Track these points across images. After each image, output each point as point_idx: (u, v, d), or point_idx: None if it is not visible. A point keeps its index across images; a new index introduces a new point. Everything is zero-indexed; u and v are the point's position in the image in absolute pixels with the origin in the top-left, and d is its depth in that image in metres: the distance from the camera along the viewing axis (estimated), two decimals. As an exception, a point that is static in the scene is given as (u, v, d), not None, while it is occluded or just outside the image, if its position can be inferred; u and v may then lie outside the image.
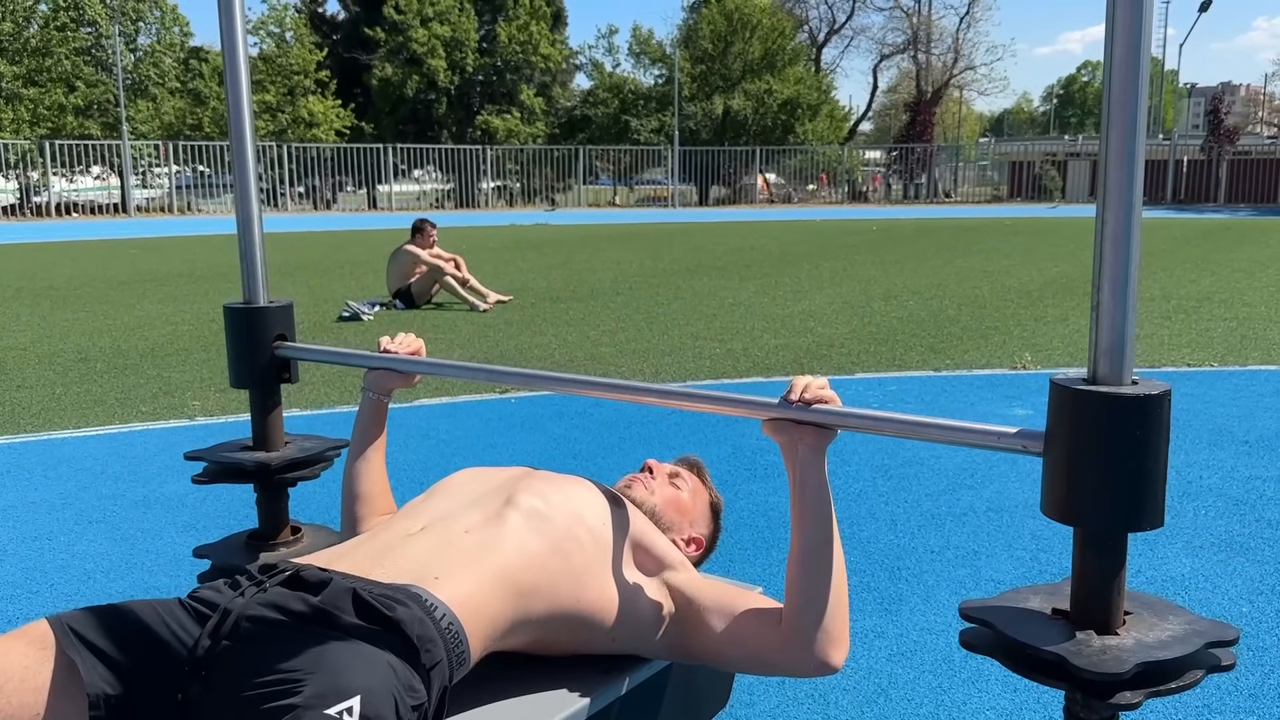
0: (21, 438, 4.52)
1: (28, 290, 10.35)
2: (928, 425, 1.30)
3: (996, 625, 1.18)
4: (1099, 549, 1.16)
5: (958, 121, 58.08)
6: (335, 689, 1.08)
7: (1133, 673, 1.08)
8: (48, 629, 1.21)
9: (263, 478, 2.00)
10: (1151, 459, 1.11)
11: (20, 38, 27.67)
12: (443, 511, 1.48)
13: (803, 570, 1.40)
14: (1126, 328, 1.13)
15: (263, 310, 1.99)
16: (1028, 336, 7.01)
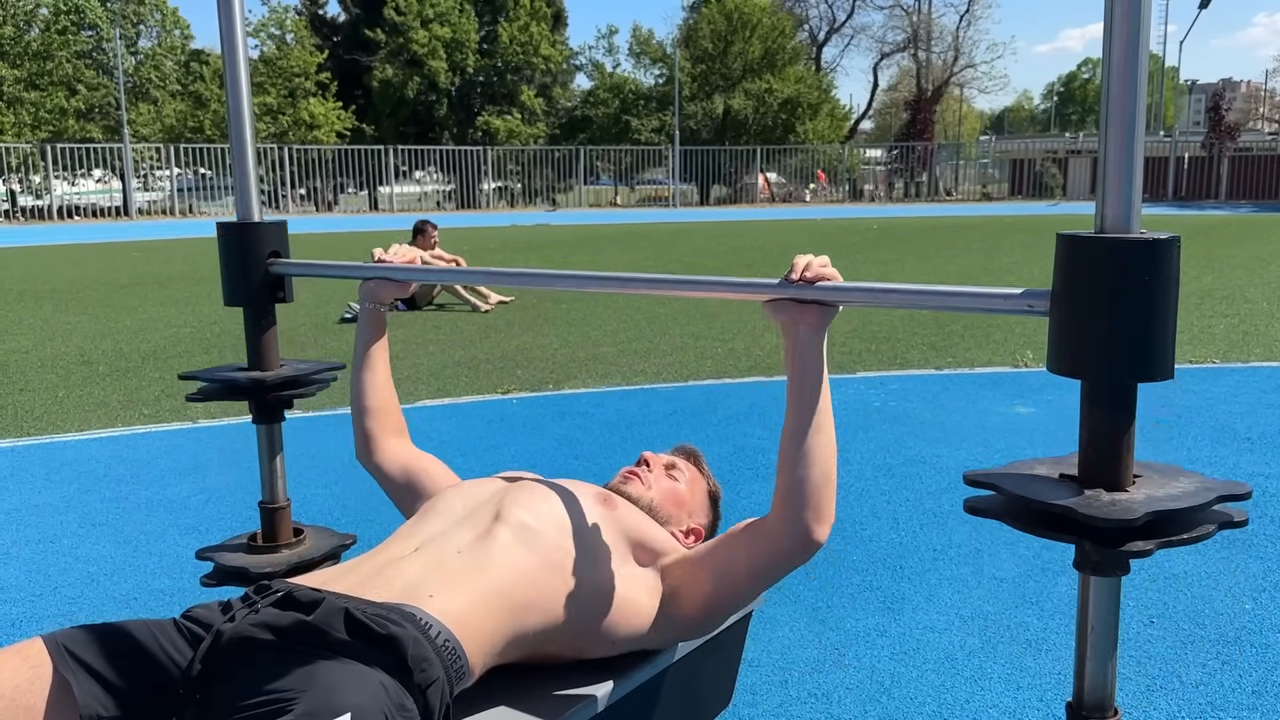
0: (25, 441, 4.52)
1: (30, 293, 10.37)
2: (931, 293, 1.28)
3: (1003, 486, 1.16)
4: (1107, 403, 1.13)
5: (958, 119, 58.05)
6: (327, 707, 1.07)
7: (1144, 520, 1.06)
8: (42, 647, 1.20)
9: (258, 394, 1.98)
10: (1160, 306, 1.08)
11: (21, 41, 27.71)
12: (434, 531, 1.47)
13: (793, 449, 1.41)
14: (1134, 176, 1.10)
15: (256, 226, 1.97)
16: (1029, 335, 7.00)
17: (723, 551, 1.49)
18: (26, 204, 27.83)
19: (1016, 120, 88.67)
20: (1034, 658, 2.40)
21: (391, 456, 1.85)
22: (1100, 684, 1.21)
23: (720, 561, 1.48)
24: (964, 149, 43.03)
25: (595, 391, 5.38)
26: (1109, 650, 1.20)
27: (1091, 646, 1.20)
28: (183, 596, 2.80)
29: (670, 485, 1.78)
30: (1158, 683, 2.27)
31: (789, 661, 2.42)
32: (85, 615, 2.71)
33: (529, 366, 6.07)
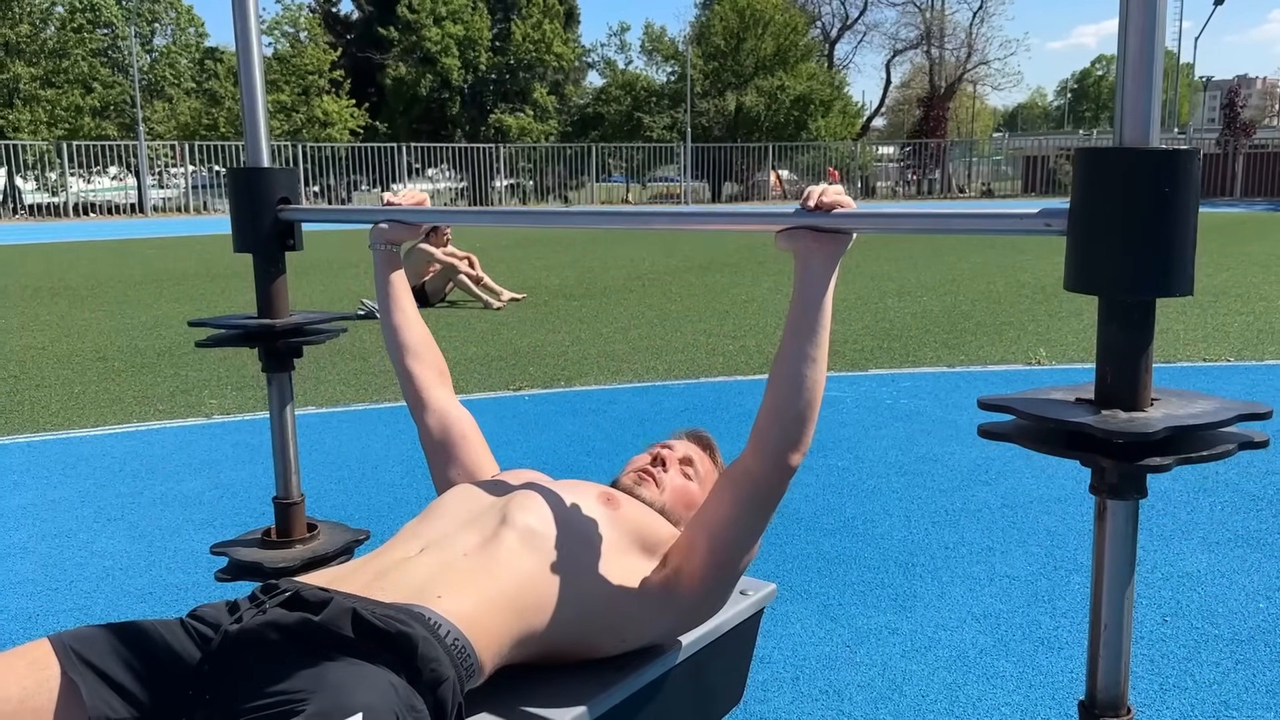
0: (41, 436, 4.56)
1: (45, 290, 10.43)
2: (947, 216, 1.28)
3: (1017, 408, 1.15)
4: (1125, 319, 1.11)
5: (971, 116, 57.84)
6: (338, 707, 1.07)
7: (1162, 435, 1.05)
8: (49, 649, 1.19)
9: (266, 340, 1.98)
10: (1180, 219, 1.07)
11: (38, 39, 27.86)
12: (439, 533, 1.47)
13: (784, 377, 1.41)
14: (1154, 87, 1.09)
15: (265, 171, 1.98)
16: (1042, 332, 6.98)
17: (709, 510, 1.49)
18: (42, 201, 27.98)
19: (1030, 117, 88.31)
20: (1046, 656, 2.39)
21: (433, 409, 1.83)
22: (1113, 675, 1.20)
23: (709, 520, 1.48)
24: (977, 146, 42.85)
25: (607, 388, 5.39)
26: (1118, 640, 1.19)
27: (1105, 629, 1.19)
28: (197, 591, 2.82)
29: (682, 485, 1.76)
30: (1171, 681, 2.26)
31: (800, 658, 2.42)
32: (100, 609, 2.73)
33: (541, 363, 6.08)
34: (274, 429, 2.09)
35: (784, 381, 1.41)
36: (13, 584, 2.91)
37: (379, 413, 4.85)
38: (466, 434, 1.81)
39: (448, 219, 2.07)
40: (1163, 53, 1.11)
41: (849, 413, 4.82)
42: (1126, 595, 1.20)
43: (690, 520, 1.55)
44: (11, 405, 5.14)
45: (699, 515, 1.52)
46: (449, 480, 1.77)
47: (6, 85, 27.43)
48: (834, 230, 1.37)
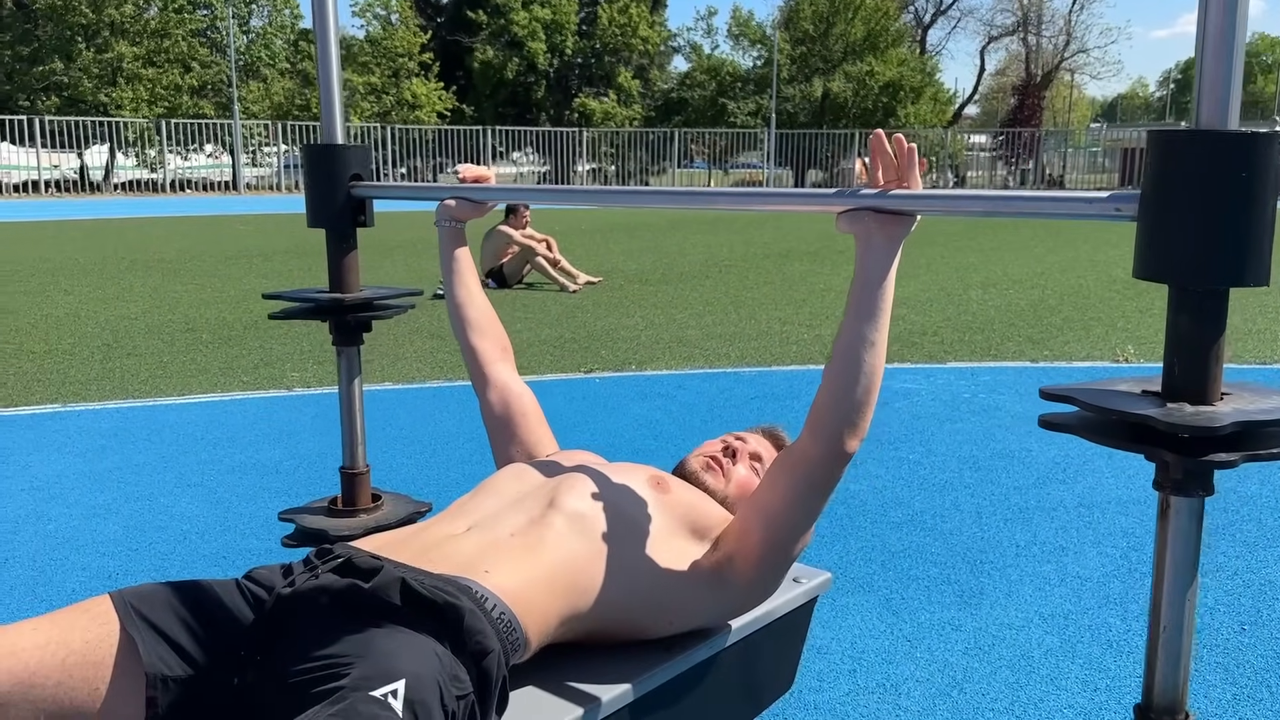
0: (129, 403, 4.72)
1: (141, 263, 10.80)
2: (1012, 198, 1.24)
3: (1080, 399, 1.11)
4: (1195, 309, 1.06)
5: (1068, 106, 56.20)
6: (381, 672, 1.09)
7: (1230, 430, 1.00)
8: (110, 606, 1.23)
9: (336, 314, 2.02)
10: (1257, 205, 1.02)
11: (140, 20, 28.79)
12: (488, 512, 1.48)
13: (844, 361, 1.38)
14: (1234, 68, 1.04)
15: (339, 148, 2.01)
16: (1132, 329, 6.77)
17: (764, 494, 1.47)
18: (141, 177, 28.96)
19: (1130, 108, 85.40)
20: (1114, 660, 2.32)
21: (495, 385, 1.85)
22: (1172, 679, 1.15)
23: (763, 504, 1.46)
24: (1073, 136, 41.65)
25: (677, 373, 5.38)
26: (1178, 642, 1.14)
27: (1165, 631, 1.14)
28: (268, 556, 2.90)
29: (747, 478, 1.73)
30: (1245, 691, 2.18)
31: (859, 650, 2.39)
32: (175, 571, 2.82)
33: (613, 346, 6.09)
34: (342, 400, 2.13)
35: (843, 365, 1.38)
36: (96, 543, 3.03)
37: (452, 390, 4.92)
38: (527, 411, 1.82)
39: (512, 196, 2.08)
40: (1245, 31, 1.06)
41: (924, 405, 4.74)
42: (1189, 596, 1.15)
43: (744, 504, 1.53)
44: (104, 373, 5.33)
45: (753, 499, 1.50)
46: (509, 456, 1.78)
47: (110, 64, 28.46)
48: (896, 212, 1.34)
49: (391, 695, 1.05)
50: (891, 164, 1.33)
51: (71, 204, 23.43)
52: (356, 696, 1.04)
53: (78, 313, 7.36)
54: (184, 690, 1.20)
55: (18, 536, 3.07)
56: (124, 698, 1.18)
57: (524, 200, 1.84)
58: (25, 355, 5.78)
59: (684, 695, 1.49)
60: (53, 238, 14.38)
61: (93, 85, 28.30)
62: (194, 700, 1.20)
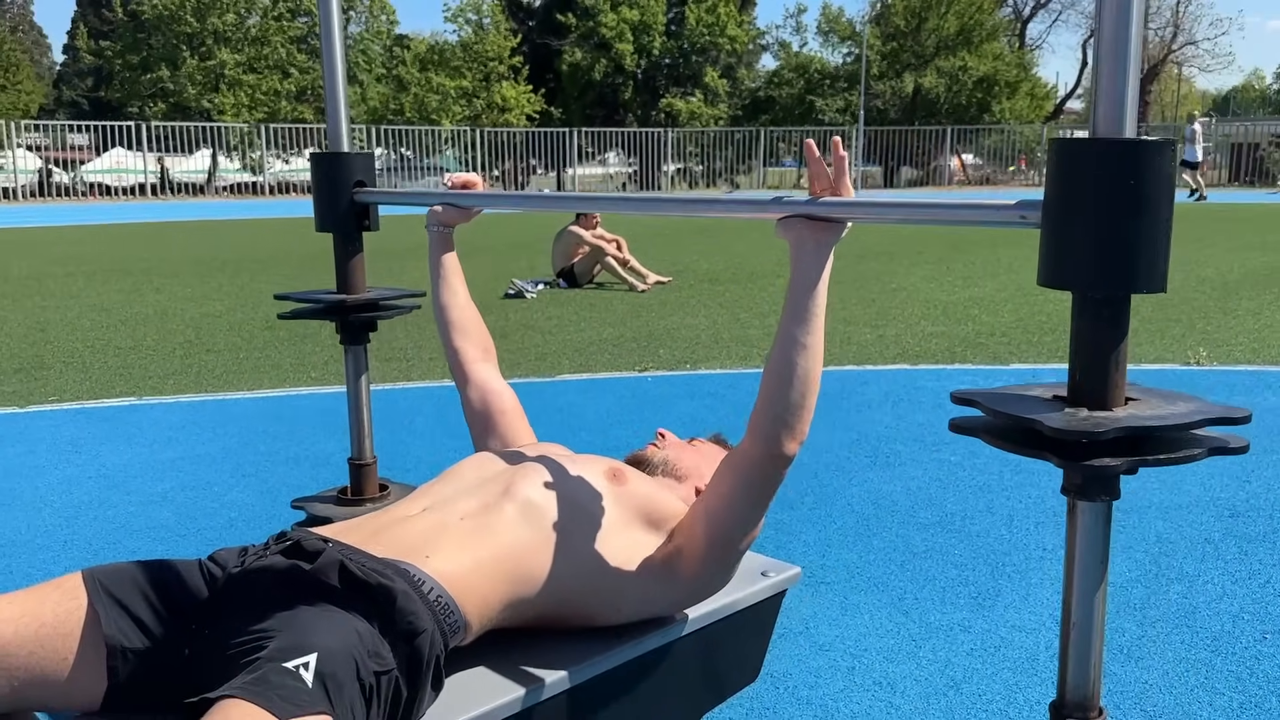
0: (201, 397, 4.95)
1: (232, 262, 11.24)
2: (928, 206, 1.28)
3: (982, 403, 1.14)
4: (1094, 315, 1.09)
5: (1176, 100, 54.14)
6: (296, 645, 1.17)
7: (1112, 435, 1.02)
8: (79, 581, 1.33)
9: (340, 315, 2.13)
10: (1150, 212, 1.04)
11: (242, 28, 29.90)
12: (444, 497, 1.55)
13: (779, 367, 1.42)
14: (1129, 77, 1.06)
15: (344, 156, 2.13)
16: (1210, 331, 6.54)
17: (710, 492, 1.53)
18: (244, 180, 30.05)
19: (1245, 101, 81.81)
20: (1122, 665, 2.29)
21: (475, 384, 1.92)
22: (1083, 676, 1.16)
23: (708, 502, 1.52)
24: (1181, 131, 40.09)
25: (731, 372, 5.40)
26: (1088, 640, 1.16)
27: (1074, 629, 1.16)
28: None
29: (680, 444, 1.83)
30: (1253, 700, 2.12)
31: (861, 649, 2.40)
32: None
33: (671, 345, 6.14)
34: (350, 396, 2.24)
35: (776, 368, 1.43)
36: (151, 529, 3.21)
37: (520, 387, 5.02)
38: (506, 409, 1.89)
39: (507, 203, 2.14)
40: (1140, 40, 1.08)
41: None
42: (1097, 596, 1.16)
43: (694, 502, 1.58)
44: (182, 368, 5.60)
45: (701, 498, 1.56)
46: (487, 450, 1.86)
47: (214, 71, 29.63)
48: (824, 219, 1.37)
49: (303, 667, 1.13)
50: (824, 171, 1.38)
51: (176, 206, 24.45)
52: (270, 666, 1.12)
53: (165, 310, 7.72)
54: (141, 660, 1.30)
55: (79, 521, 3.27)
56: (89, 667, 1.28)
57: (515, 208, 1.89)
58: (111, 351, 6.09)
59: (635, 682, 1.54)
60: (153, 239, 15.05)
61: (197, 91, 29.53)
62: (151, 669, 1.30)
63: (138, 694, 1.31)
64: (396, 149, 31.27)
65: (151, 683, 1.30)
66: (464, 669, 1.43)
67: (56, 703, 1.32)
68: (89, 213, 21.51)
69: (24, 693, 1.28)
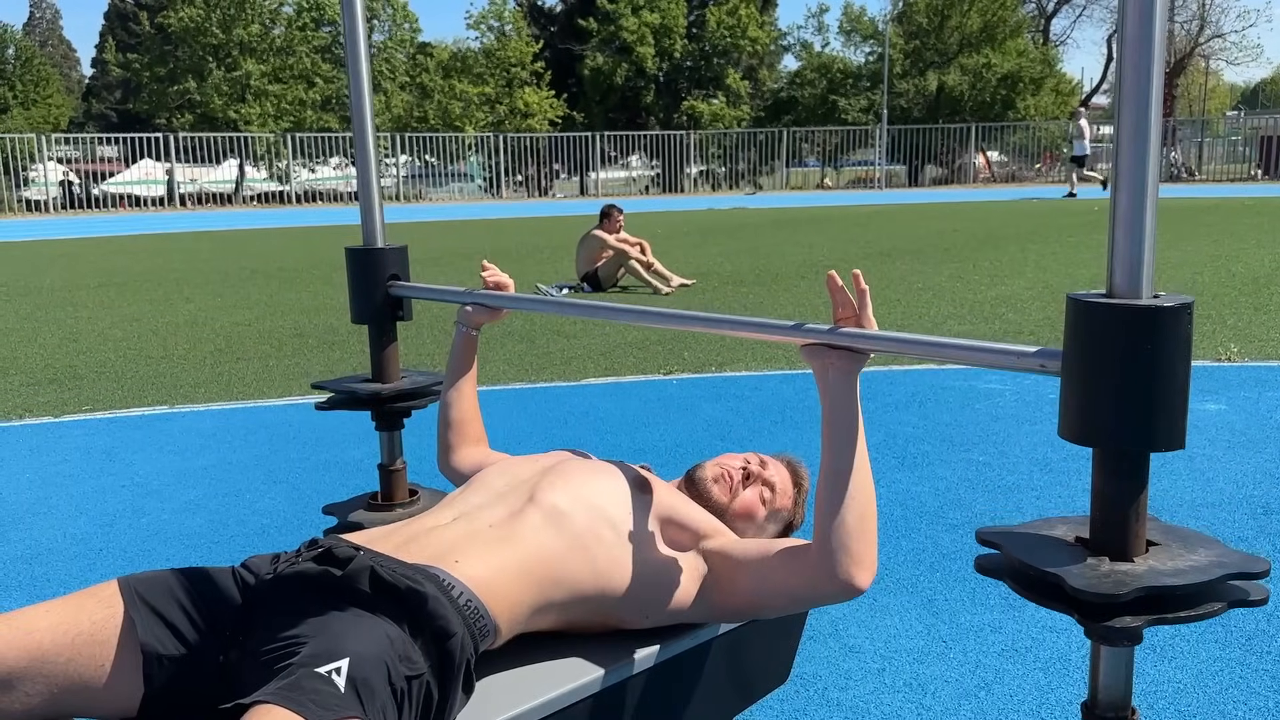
0: (232, 404, 5.01)
1: (261, 272, 11.35)
2: (948, 345, 1.28)
3: (1006, 547, 1.16)
4: (1115, 471, 1.11)
5: (1203, 94, 53.56)
6: (329, 651, 1.19)
7: (1132, 596, 1.04)
8: (116, 590, 1.36)
9: (376, 405, 2.17)
10: (1167, 375, 1.06)
11: (267, 38, 30.18)
12: (473, 505, 1.57)
13: (828, 494, 1.42)
14: (1145, 238, 1.07)
15: (379, 251, 2.17)
16: (1242, 327, 6.47)
17: (764, 564, 1.50)
18: (271, 190, 30.32)
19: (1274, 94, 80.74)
20: (1155, 665, 2.27)
21: (467, 461, 1.99)
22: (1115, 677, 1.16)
23: (760, 573, 1.50)
24: (1210, 125, 39.64)
25: (756, 375, 5.40)
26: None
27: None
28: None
29: (753, 503, 1.77)
30: None
31: (892, 650, 2.39)
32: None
33: (696, 348, 6.15)
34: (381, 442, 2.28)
35: (830, 502, 1.43)
36: (183, 536, 3.25)
37: (534, 391, 5.06)
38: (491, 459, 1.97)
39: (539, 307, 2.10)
40: (1155, 204, 1.09)
41: (1005, 407, 4.65)
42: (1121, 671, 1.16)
43: (742, 554, 1.54)
44: (212, 376, 5.66)
45: (752, 562, 1.52)
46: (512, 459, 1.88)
47: (240, 81, 29.93)
48: (846, 348, 1.42)
49: (336, 672, 1.14)
50: (847, 300, 1.42)
51: (204, 216, 24.71)
52: (303, 672, 1.14)
53: (195, 319, 7.81)
54: (177, 667, 1.32)
55: (114, 529, 3.32)
56: (125, 674, 1.31)
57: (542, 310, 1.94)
58: (144, 360, 6.17)
59: (664, 685, 1.55)
60: (182, 249, 15.22)
61: (223, 102, 29.83)
62: (186, 676, 1.32)
63: (174, 700, 1.33)
64: (421, 156, 31.43)
65: (187, 689, 1.32)
66: (495, 672, 1.45)
67: (94, 710, 1.34)
68: (118, 224, 21.78)
69: (62, 700, 1.31)
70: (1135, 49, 1.06)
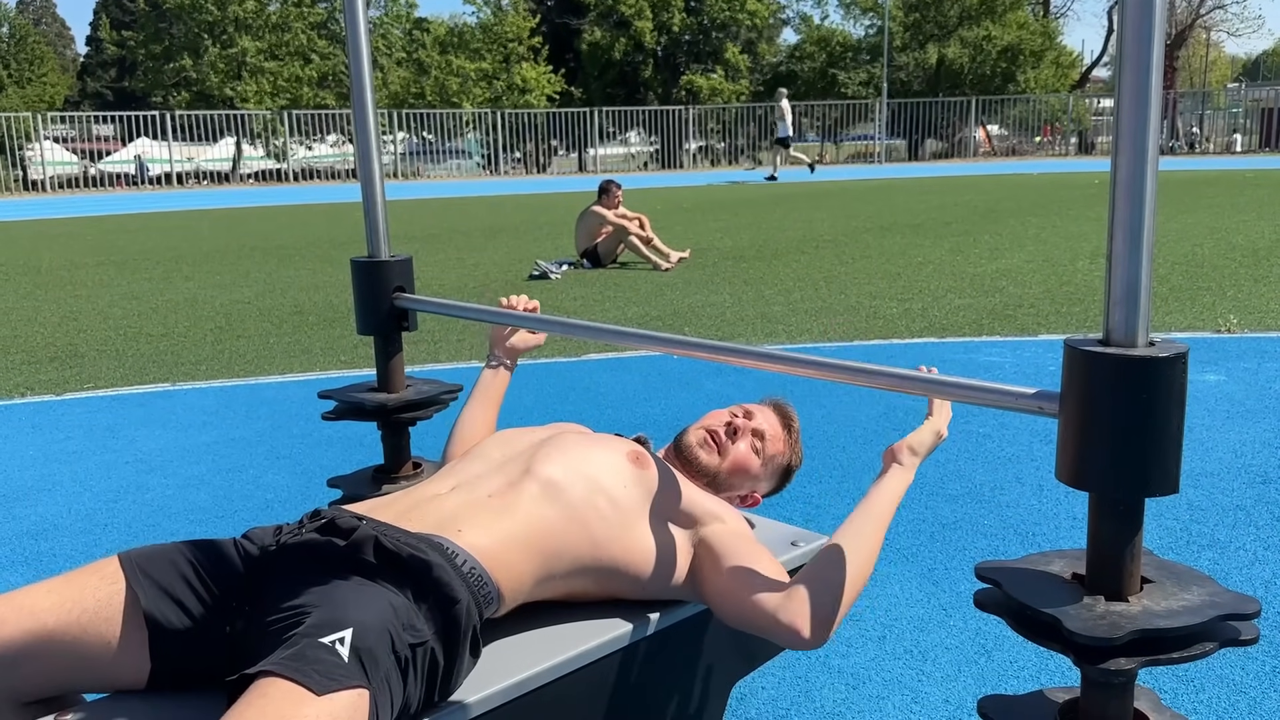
0: (234, 381, 5.02)
1: (259, 249, 11.34)
2: (946, 384, 1.29)
3: (1004, 585, 1.18)
4: (1111, 514, 1.13)
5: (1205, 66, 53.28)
6: (332, 620, 1.20)
7: (1127, 639, 1.06)
8: (118, 565, 1.37)
9: (382, 416, 2.18)
10: (1162, 423, 1.07)
11: (262, 14, 29.99)
12: (472, 475, 1.58)
13: (830, 556, 1.45)
14: (1141, 284, 1.09)
15: (384, 263, 2.16)
16: (1242, 298, 6.47)
17: (739, 577, 1.49)
18: (268, 167, 30.22)
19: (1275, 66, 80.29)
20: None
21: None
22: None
23: (732, 584, 1.49)
24: (1211, 98, 39.45)
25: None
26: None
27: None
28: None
29: (745, 456, 1.79)
30: (1286, 666, 2.13)
31: (892, 619, 2.41)
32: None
33: (697, 323, 6.16)
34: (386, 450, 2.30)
35: (832, 563, 1.46)
36: (188, 511, 3.27)
37: (535, 367, 5.07)
38: None
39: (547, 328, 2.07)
40: (1152, 249, 1.10)
41: (1005, 378, 4.62)
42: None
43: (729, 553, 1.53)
44: (214, 354, 5.67)
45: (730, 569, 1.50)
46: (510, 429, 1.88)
47: (235, 59, 29.76)
48: None
49: (339, 642, 1.15)
50: None
51: (201, 194, 24.63)
52: (306, 642, 1.15)
53: (195, 298, 7.81)
54: (184, 639, 1.33)
55: (118, 505, 3.33)
56: (132, 649, 1.32)
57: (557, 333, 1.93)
58: (144, 338, 6.18)
59: (669, 650, 1.56)
60: (181, 227, 15.19)
61: (219, 80, 29.67)
62: (193, 648, 1.34)
63: (182, 672, 1.35)
64: (418, 133, 31.28)
65: (195, 660, 1.34)
66: (502, 637, 1.46)
67: (103, 685, 1.36)
68: (117, 202, 21.72)
69: (71, 677, 1.32)
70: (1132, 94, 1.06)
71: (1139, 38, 1.07)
